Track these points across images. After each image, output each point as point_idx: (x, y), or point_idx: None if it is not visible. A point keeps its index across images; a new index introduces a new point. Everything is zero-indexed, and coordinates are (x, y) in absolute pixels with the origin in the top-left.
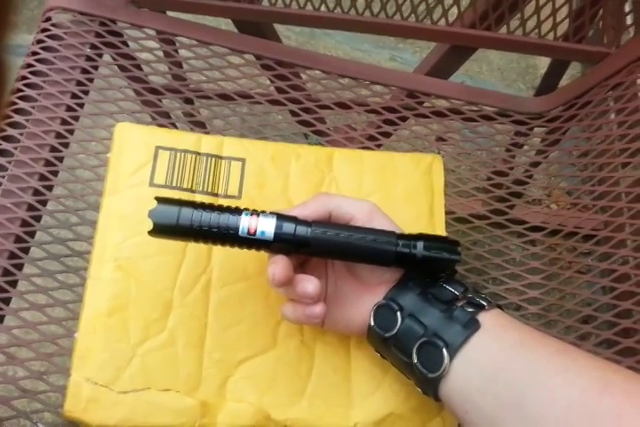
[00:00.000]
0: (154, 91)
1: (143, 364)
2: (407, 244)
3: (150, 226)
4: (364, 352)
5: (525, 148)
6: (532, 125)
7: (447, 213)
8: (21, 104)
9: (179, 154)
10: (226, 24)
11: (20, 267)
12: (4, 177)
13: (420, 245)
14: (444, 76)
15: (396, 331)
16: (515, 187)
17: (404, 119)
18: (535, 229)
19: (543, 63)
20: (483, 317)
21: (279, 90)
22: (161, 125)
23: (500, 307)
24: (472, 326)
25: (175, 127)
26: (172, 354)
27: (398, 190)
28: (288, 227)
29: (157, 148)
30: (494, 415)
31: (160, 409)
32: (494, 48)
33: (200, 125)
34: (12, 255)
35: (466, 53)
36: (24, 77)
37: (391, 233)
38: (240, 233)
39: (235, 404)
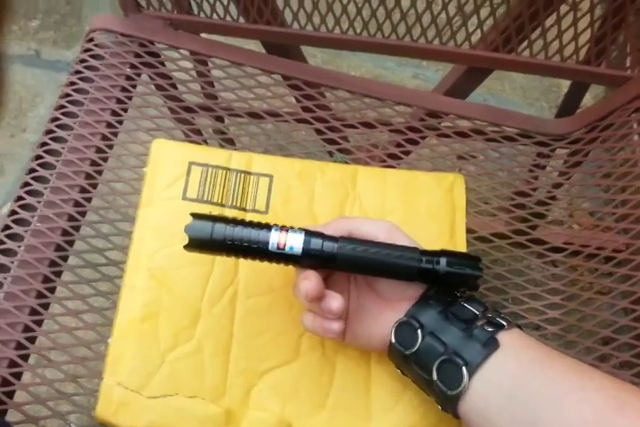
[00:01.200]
0: (188, 109)
1: (172, 370)
2: (430, 260)
3: (186, 240)
4: (385, 366)
5: (548, 169)
6: (554, 147)
7: (468, 231)
8: (64, 120)
9: (210, 169)
10: (255, 44)
11: (59, 274)
12: (46, 188)
13: (443, 261)
14: (463, 94)
15: (416, 348)
16: (537, 207)
17: (426, 138)
18: (556, 249)
19: (566, 82)
20: (502, 336)
21: (306, 109)
22: (193, 142)
23: (519, 327)
24: (491, 345)
25: (206, 143)
26: (200, 362)
27: (420, 208)
28: (315, 242)
29: (190, 163)
30: None
31: (186, 416)
32: (516, 71)
33: (229, 142)
34: (53, 263)
35: (483, 74)
36: (67, 95)
37: (415, 249)
38: (270, 248)
39: (258, 413)
